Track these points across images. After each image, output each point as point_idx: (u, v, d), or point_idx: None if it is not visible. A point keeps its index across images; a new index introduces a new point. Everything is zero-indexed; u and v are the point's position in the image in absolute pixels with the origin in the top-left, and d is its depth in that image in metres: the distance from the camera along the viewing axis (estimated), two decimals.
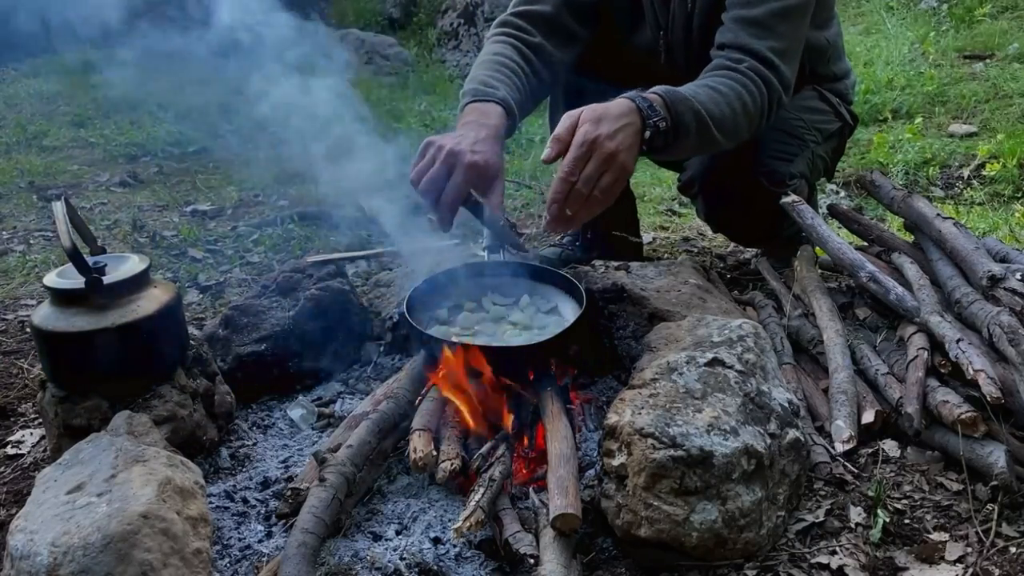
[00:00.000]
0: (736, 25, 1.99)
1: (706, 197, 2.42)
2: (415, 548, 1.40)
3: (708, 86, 1.89)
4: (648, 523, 1.34)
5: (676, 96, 1.77)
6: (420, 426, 1.56)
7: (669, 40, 2.25)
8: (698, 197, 2.46)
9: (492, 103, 1.88)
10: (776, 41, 1.98)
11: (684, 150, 1.89)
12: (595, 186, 1.61)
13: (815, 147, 2.38)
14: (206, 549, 1.28)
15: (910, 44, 5.47)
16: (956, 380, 1.62)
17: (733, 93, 1.90)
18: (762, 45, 1.96)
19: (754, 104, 1.93)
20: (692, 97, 1.80)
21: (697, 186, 2.40)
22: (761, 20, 1.98)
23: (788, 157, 2.31)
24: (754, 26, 1.97)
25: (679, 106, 1.76)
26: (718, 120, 1.85)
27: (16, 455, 1.81)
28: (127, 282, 1.60)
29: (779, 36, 1.99)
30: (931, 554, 1.36)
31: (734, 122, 1.90)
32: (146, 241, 3.22)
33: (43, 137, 5.05)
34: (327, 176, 2.04)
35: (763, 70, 1.95)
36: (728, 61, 1.96)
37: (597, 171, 1.61)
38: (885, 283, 1.88)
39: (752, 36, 1.97)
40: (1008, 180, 3.54)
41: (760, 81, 1.94)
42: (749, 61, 1.95)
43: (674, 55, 2.26)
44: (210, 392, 1.74)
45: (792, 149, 2.32)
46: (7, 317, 2.54)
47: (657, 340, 1.67)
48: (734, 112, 1.89)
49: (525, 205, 3.63)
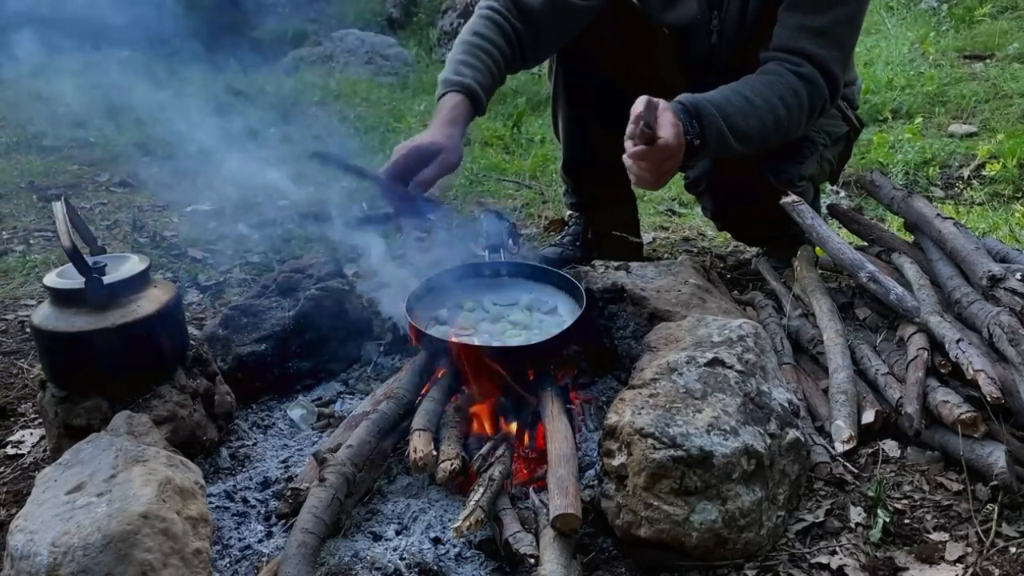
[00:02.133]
0: (799, 32, 1.99)
1: (714, 195, 2.42)
2: (415, 548, 1.40)
3: (745, 97, 1.93)
4: (648, 523, 1.34)
5: (706, 111, 1.86)
6: (420, 426, 1.56)
7: (723, 18, 2.22)
8: (705, 195, 2.46)
9: (454, 93, 1.98)
10: (838, 51, 2.01)
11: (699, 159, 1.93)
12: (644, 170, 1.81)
13: (823, 150, 2.39)
14: (206, 549, 1.29)
15: (910, 44, 5.47)
16: (956, 380, 1.62)
17: (767, 105, 1.93)
18: (825, 54, 1.99)
19: (800, 110, 1.97)
20: (721, 113, 1.88)
21: (704, 184, 2.40)
22: (826, 29, 1.99)
23: (798, 158, 2.32)
24: (819, 35, 1.99)
25: (705, 120, 1.86)
26: (741, 134, 1.91)
27: (16, 455, 1.80)
28: (127, 282, 1.60)
29: (841, 45, 2.03)
30: (931, 554, 1.36)
31: (761, 134, 1.94)
32: (146, 241, 3.22)
33: (43, 137, 5.05)
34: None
35: (819, 78, 1.98)
36: (788, 65, 1.98)
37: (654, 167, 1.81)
38: (885, 283, 1.88)
39: (815, 44, 1.98)
40: (1008, 180, 3.54)
41: (813, 88, 1.97)
42: (808, 67, 1.97)
43: (724, 36, 2.24)
44: (210, 392, 1.74)
45: (803, 151, 2.33)
46: (7, 317, 2.54)
47: (657, 340, 1.67)
48: (763, 125, 1.93)
49: (525, 205, 3.63)
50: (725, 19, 2.21)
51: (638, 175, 1.82)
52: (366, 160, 2.46)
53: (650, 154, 1.76)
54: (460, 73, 2.01)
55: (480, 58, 2.04)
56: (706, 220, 3.36)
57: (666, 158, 1.78)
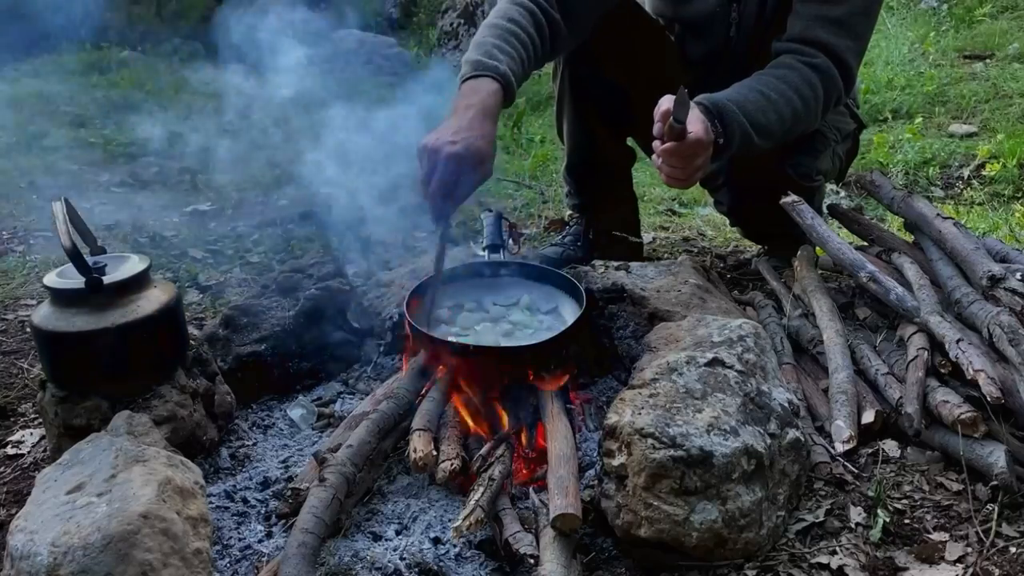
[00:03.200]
0: (815, 22, 1.97)
1: (732, 190, 2.41)
2: (415, 548, 1.40)
3: (762, 92, 1.91)
4: (648, 523, 1.33)
5: (727, 109, 1.85)
6: (420, 426, 1.56)
7: (742, 11, 2.21)
8: (723, 189, 2.46)
9: (488, 78, 1.80)
10: (854, 41, 2.00)
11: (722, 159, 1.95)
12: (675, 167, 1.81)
13: (835, 145, 2.40)
14: (206, 549, 1.28)
15: (910, 44, 5.47)
16: (956, 380, 1.62)
17: (783, 99, 1.92)
18: (841, 44, 1.97)
19: (816, 101, 1.96)
20: (741, 111, 1.86)
21: (722, 179, 2.40)
22: (842, 19, 1.97)
23: (814, 153, 2.32)
24: (834, 24, 1.97)
25: (727, 120, 1.85)
26: (762, 130, 1.90)
27: (16, 455, 1.80)
28: (127, 282, 1.60)
29: (857, 35, 2.01)
30: (931, 554, 1.36)
31: (780, 128, 1.94)
32: (146, 241, 3.22)
33: (43, 137, 5.05)
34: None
35: (832, 68, 1.97)
36: (801, 56, 1.96)
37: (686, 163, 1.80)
38: (885, 283, 1.87)
39: (831, 34, 1.97)
40: (1008, 180, 3.54)
41: (828, 79, 1.96)
42: (822, 58, 1.96)
43: (743, 28, 2.23)
44: (210, 392, 1.74)
45: (817, 145, 2.34)
46: (7, 317, 2.54)
47: (657, 340, 1.67)
48: (782, 119, 1.92)
49: (525, 205, 3.63)
50: (744, 11, 2.20)
51: (669, 173, 1.80)
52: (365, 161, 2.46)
53: (681, 149, 1.75)
54: (494, 57, 1.82)
55: (514, 45, 1.89)
56: (706, 220, 3.37)
57: (696, 154, 1.77)
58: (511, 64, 1.84)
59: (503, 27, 1.92)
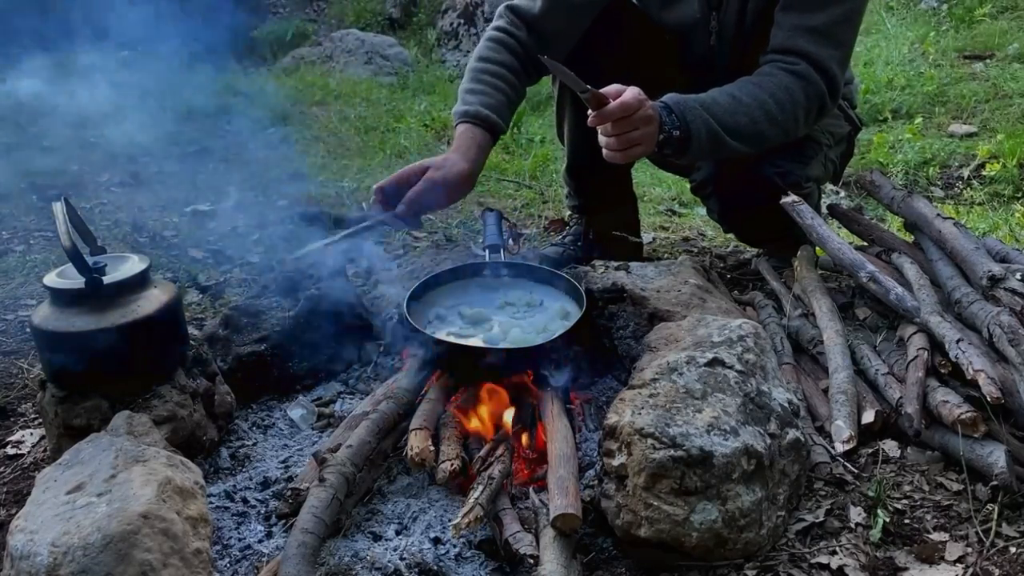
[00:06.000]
0: (795, 32, 2.00)
1: (720, 197, 2.42)
2: (415, 548, 1.40)
3: (732, 95, 1.94)
4: (648, 523, 1.33)
5: (687, 104, 1.88)
6: (418, 425, 1.57)
7: (722, 19, 2.23)
8: (711, 197, 2.46)
9: (466, 124, 2.05)
10: (836, 48, 2.01)
11: (699, 156, 1.95)
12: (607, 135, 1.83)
13: (827, 150, 2.39)
14: (206, 549, 1.28)
15: (910, 44, 5.47)
16: (956, 380, 1.62)
17: (756, 102, 1.94)
18: (823, 53, 1.99)
19: (792, 105, 1.97)
20: (706, 109, 1.88)
21: (711, 186, 2.40)
22: (823, 28, 1.99)
23: (803, 160, 2.32)
24: (815, 34, 1.99)
25: (688, 115, 1.87)
26: (732, 130, 1.91)
27: (16, 455, 1.80)
28: (127, 282, 1.60)
29: (839, 43, 2.02)
30: (931, 554, 1.36)
31: (754, 130, 1.95)
32: (146, 241, 3.21)
33: (43, 137, 5.05)
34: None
35: (813, 74, 1.98)
36: (782, 64, 1.99)
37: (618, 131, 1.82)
38: (885, 283, 1.87)
39: (812, 43, 1.99)
40: (1008, 180, 3.54)
41: (808, 84, 1.98)
42: (803, 65, 1.98)
43: (723, 37, 2.24)
44: (210, 392, 1.74)
45: (808, 152, 2.33)
46: (7, 317, 2.53)
47: (657, 340, 1.67)
48: (753, 121, 1.94)
49: (525, 205, 3.63)
50: (723, 20, 2.21)
51: (604, 144, 1.84)
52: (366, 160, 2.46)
53: (605, 115, 1.77)
54: (466, 102, 2.08)
55: (484, 81, 2.10)
56: (706, 220, 3.36)
57: (627, 121, 1.78)
58: (482, 100, 2.07)
59: (474, 68, 2.15)
